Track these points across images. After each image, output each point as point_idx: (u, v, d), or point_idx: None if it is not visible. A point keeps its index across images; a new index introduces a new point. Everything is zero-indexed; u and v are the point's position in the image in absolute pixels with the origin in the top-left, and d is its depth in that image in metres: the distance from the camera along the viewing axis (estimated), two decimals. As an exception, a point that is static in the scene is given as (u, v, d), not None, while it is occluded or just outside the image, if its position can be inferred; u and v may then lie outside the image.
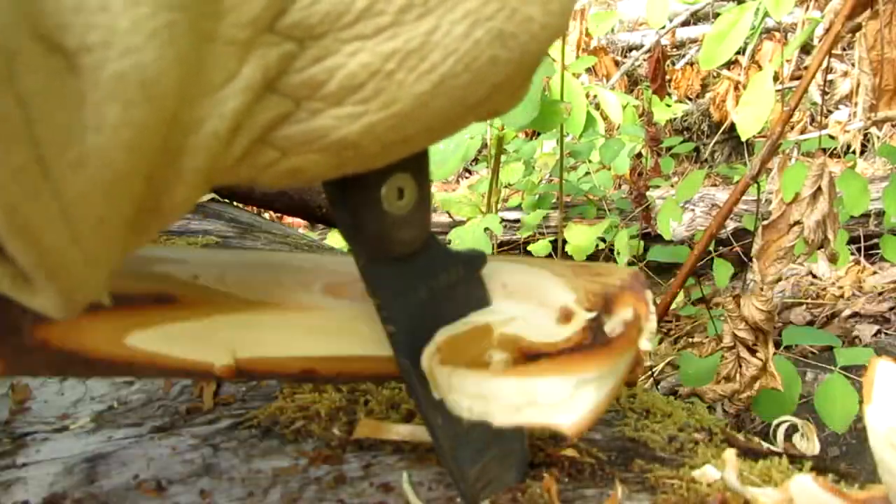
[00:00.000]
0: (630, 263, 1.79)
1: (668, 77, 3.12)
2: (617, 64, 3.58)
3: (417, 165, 0.34)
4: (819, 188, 1.03)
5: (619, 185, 2.87)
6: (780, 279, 2.05)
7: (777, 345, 1.10)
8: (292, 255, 0.42)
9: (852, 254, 2.24)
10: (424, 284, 0.37)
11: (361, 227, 0.34)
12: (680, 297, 2.06)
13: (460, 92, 0.26)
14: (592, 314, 0.37)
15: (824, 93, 2.41)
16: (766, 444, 0.49)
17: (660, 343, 2.09)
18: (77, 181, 0.21)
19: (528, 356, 0.36)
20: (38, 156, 0.20)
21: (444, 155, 1.48)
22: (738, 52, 2.38)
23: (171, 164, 0.23)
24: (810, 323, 2.09)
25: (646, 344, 0.38)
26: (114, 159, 0.21)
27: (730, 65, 3.39)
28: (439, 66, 0.25)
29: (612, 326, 0.36)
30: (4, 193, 0.20)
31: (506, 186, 2.27)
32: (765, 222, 1.09)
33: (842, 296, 2.18)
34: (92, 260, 0.23)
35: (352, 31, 0.24)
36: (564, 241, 1.81)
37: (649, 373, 1.80)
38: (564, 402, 0.30)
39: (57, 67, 0.19)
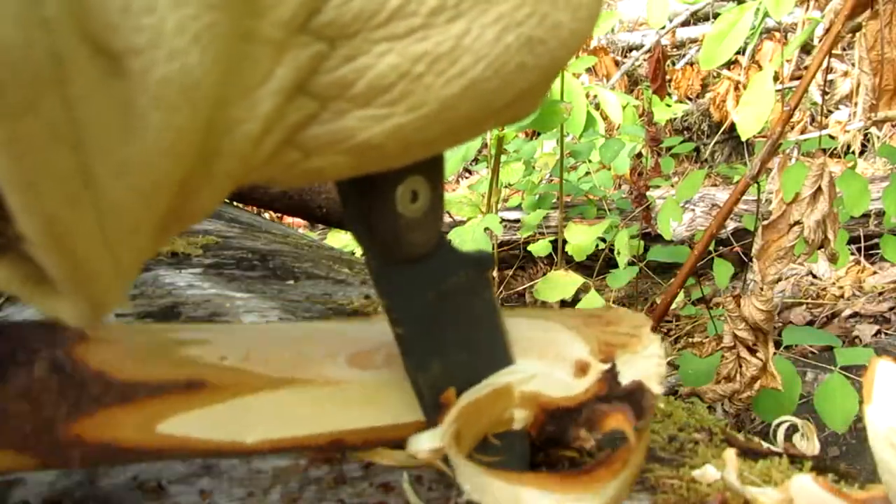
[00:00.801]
0: (630, 263, 1.79)
1: (668, 77, 3.12)
2: (617, 64, 3.58)
3: (432, 168, 0.34)
4: (819, 188, 1.03)
5: (619, 185, 2.87)
6: (780, 279, 2.06)
7: (777, 345, 1.10)
8: (315, 326, 0.42)
9: (852, 254, 2.24)
10: (434, 286, 0.37)
11: (374, 229, 0.34)
12: (680, 297, 2.06)
13: (488, 97, 0.26)
14: (607, 365, 0.38)
15: (824, 93, 2.41)
16: (766, 444, 0.49)
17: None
18: (117, 189, 0.20)
19: (547, 412, 0.38)
20: (82, 163, 0.19)
21: (445, 155, 1.48)
22: (738, 52, 2.38)
23: (204, 168, 0.23)
24: (810, 323, 2.09)
25: (657, 388, 0.39)
26: (154, 166, 0.21)
27: (730, 65, 3.39)
28: (469, 70, 0.25)
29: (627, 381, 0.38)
30: (46, 201, 0.19)
31: (506, 186, 2.27)
32: (765, 222, 1.09)
33: (842, 296, 2.19)
34: (121, 269, 0.23)
35: (383, 31, 0.23)
36: (564, 241, 1.81)
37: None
38: None
39: (103, 70, 0.19)
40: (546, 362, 0.39)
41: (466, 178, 3.48)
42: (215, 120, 0.22)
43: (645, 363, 0.40)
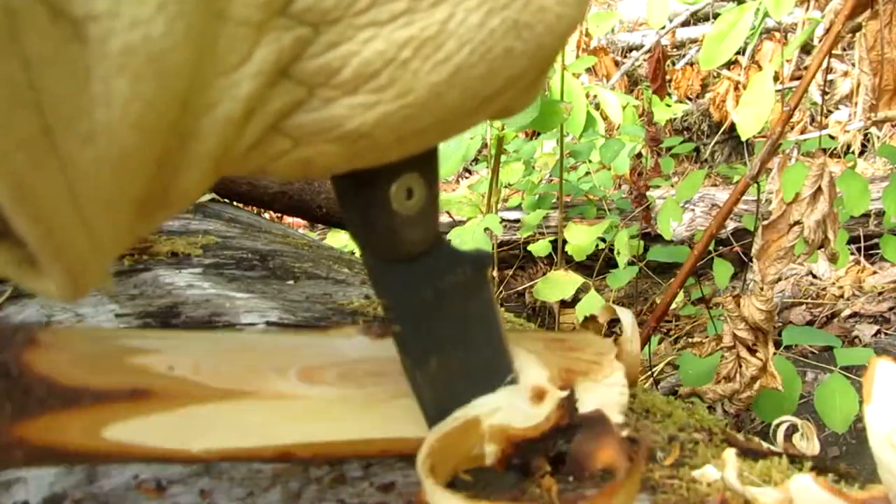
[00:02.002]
0: (630, 263, 1.79)
1: (668, 77, 3.12)
2: (617, 64, 3.58)
3: (427, 165, 0.34)
4: (819, 188, 1.03)
5: (619, 185, 2.88)
6: (780, 279, 2.06)
7: (777, 345, 1.10)
8: (268, 338, 0.42)
9: (852, 254, 2.24)
10: (432, 285, 0.37)
11: (370, 226, 0.34)
12: (680, 297, 2.06)
13: (475, 83, 0.26)
14: (565, 393, 0.38)
15: (824, 93, 2.41)
16: (766, 444, 0.49)
17: (660, 343, 2.09)
18: (85, 157, 0.20)
19: (513, 444, 0.38)
20: (45, 126, 0.19)
21: (444, 154, 1.49)
22: (738, 52, 2.38)
23: (182, 147, 0.23)
24: (810, 323, 2.09)
25: (618, 417, 0.39)
26: (123, 136, 0.20)
27: (730, 65, 3.39)
28: (454, 55, 0.25)
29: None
30: (9, 163, 0.19)
31: (506, 186, 2.27)
32: (765, 222, 1.09)
33: (842, 296, 2.19)
34: (98, 242, 0.22)
35: (366, 16, 0.23)
36: (564, 241, 1.81)
37: (649, 373, 1.80)
38: None
39: (63, 35, 0.19)
40: (507, 391, 0.39)
41: (466, 178, 3.48)
42: (191, 98, 0.22)
43: (607, 391, 0.40)
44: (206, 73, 0.22)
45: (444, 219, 2.19)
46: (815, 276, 2.32)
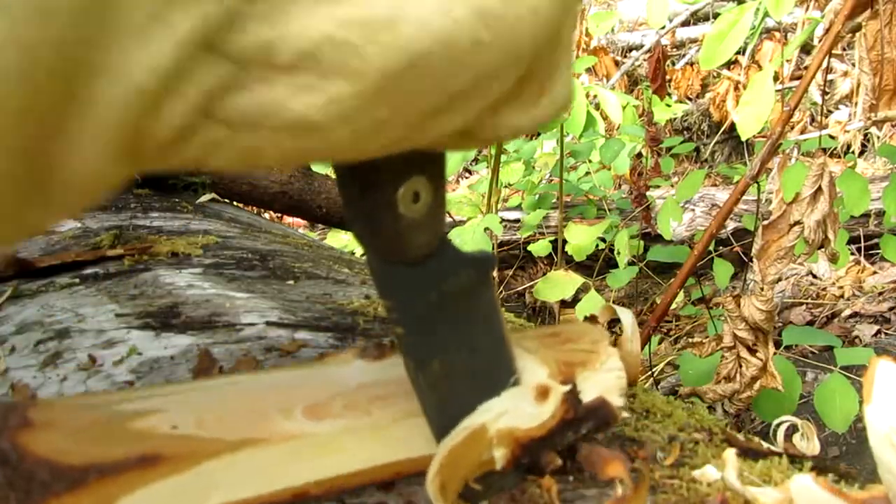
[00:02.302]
0: (630, 263, 1.79)
1: (668, 77, 3.12)
2: (617, 64, 3.58)
3: (434, 169, 0.33)
4: (819, 188, 1.03)
5: (619, 185, 2.88)
6: (780, 279, 2.06)
7: (777, 345, 1.10)
8: (266, 378, 0.41)
9: (852, 254, 2.24)
10: (435, 287, 0.37)
11: (376, 229, 0.34)
12: (680, 297, 2.06)
13: (439, 76, 0.24)
14: (567, 387, 0.39)
15: (824, 93, 2.41)
16: (766, 444, 0.49)
17: (660, 343, 2.09)
18: None
19: (521, 445, 0.38)
20: None
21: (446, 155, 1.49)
22: (738, 52, 2.39)
23: (76, 114, 0.20)
24: (810, 323, 2.09)
25: (618, 400, 0.40)
26: None
27: (730, 65, 3.40)
28: (413, 42, 0.23)
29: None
30: None
31: (506, 186, 2.27)
32: (765, 222, 1.09)
33: (842, 296, 2.19)
34: None
35: None
36: (564, 241, 1.81)
37: (649, 373, 1.80)
38: None
39: None
40: (510, 393, 0.39)
41: (466, 178, 3.48)
42: (88, 56, 0.19)
43: (605, 377, 0.41)
44: (106, 28, 0.19)
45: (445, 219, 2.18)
46: (815, 276, 2.32)
